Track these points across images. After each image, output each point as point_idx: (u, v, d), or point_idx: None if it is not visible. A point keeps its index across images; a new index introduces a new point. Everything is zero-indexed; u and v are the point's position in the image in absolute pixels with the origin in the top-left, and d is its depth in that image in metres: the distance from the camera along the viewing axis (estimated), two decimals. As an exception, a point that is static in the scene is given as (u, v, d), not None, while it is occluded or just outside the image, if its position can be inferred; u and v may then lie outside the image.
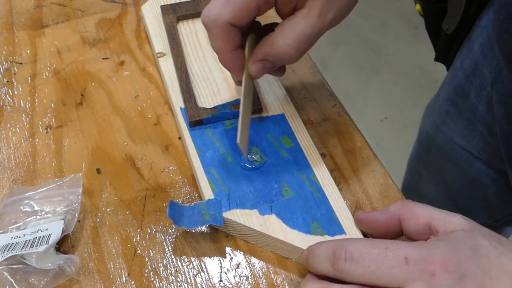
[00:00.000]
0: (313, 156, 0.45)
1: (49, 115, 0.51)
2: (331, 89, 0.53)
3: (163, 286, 0.40)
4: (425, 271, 0.31)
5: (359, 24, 1.93)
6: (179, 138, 0.49)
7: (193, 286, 0.40)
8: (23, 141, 0.49)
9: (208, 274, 0.40)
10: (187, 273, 0.40)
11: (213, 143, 0.46)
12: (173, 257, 0.41)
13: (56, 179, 0.45)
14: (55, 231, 0.40)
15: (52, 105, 0.52)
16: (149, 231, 0.43)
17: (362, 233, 0.40)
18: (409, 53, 1.84)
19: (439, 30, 0.61)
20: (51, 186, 0.44)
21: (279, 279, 0.40)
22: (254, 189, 0.43)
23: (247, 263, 0.41)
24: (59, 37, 0.58)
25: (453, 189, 0.68)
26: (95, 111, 0.51)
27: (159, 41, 0.55)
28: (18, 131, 0.50)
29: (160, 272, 0.40)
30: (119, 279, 0.40)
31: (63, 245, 0.42)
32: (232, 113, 0.48)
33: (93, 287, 0.40)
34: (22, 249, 0.39)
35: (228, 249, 0.42)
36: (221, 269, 0.40)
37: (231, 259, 0.41)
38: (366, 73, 1.81)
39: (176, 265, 0.41)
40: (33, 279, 0.39)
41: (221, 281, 0.40)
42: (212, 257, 0.41)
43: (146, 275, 0.40)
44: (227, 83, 0.50)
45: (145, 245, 0.42)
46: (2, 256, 0.38)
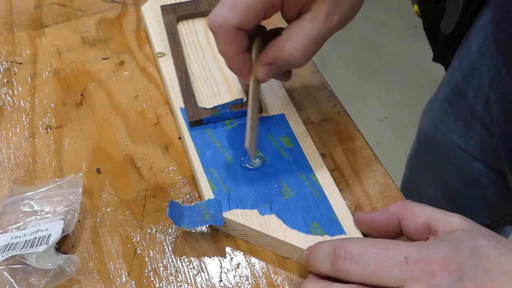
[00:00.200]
0: (313, 156, 0.45)
1: (49, 115, 0.51)
2: (331, 89, 0.53)
3: (163, 286, 0.40)
4: (425, 271, 0.31)
5: (359, 24, 1.93)
6: (179, 138, 0.49)
7: (193, 286, 0.40)
8: (23, 141, 0.49)
9: (208, 274, 0.40)
10: (187, 273, 0.40)
11: (213, 143, 0.46)
12: (173, 257, 0.41)
13: (56, 179, 0.45)
14: (55, 231, 0.40)
15: (52, 105, 0.52)
16: (149, 231, 0.43)
17: (362, 233, 0.40)
18: (409, 53, 1.84)
19: (437, 30, 0.61)
20: (51, 186, 0.44)
21: (279, 279, 0.40)
22: (254, 189, 0.43)
23: (247, 263, 0.41)
24: (59, 37, 0.58)
25: (452, 189, 0.68)
26: (95, 111, 0.51)
27: (159, 41, 0.55)
28: (18, 131, 0.50)
29: (160, 272, 0.40)
30: (119, 279, 0.40)
31: (63, 245, 0.42)
32: (232, 113, 0.48)
33: (93, 287, 0.40)
34: (22, 249, 0.39)
35: (228, 249, 0.42)
36: (221, 269, 0.40)
37: (231, 259, 0.41)
38: (366, 73, 1.81)
39: (176, 265, 0.41)
40: (33, 279, 0.39)
41: (221, 281, 0.40)
42: (212, 257, 0.41)
43: (146, 275, 0.40)
44: (227, 83, 0.50)
45: (145, 245, 0.42)
46: (2, 256, 0.38)
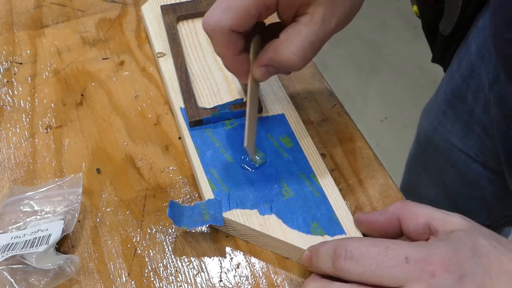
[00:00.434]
0: (313, 156, 0.45)
1: (49, 115, 0.51)
2: (331, 89, 0.53)
3: (163, 286, 0.40)
4: (425, 271, 0.31)
5: (359, 24, 1.93)
6: (179, 138, 0.49)
7: (193, 286, 0.40)
8: (23, 141, 0.49)
9: (208, 274, 0.40)
10: (187, 273, 0.40)
11: (213, 143, 0.46)
12: (173, 257, 0.41)
13: (56, 179, 0.45)
14: (55, 231, 0.40)
15: (52, 105, 0.52)
16: (149, 231, 0.43)
17: (362, 234, 0.40)
18: (409, 53, 1.84)
19: (436, 31, 0.61)
20: (51, 186, 0.44)
21: (279, 279, 0.40)
22: (254, 189, 0.43)
23: (247, 263, 0.41)
24: (59, 37, 0.58)
25: (451, 190, 0.68)
26: (95, 111, 0.51)
27: (159, 41, 0.55)
28: (18, 131, 0.50)
29: (160, 272, 0.40)
30: (119, 279, 0.40)
31: (63, 245, 0.42)
32: (232, 113, 0.48)
33: (93, 287, 0.40)
34: (22, 249, 0.39)
35: (228, 249, 0.42)
36: (221, 269, 0.40)
37: (231, 259, 0.41)
38: (366, 73, 1.81)
39: (176, 265, 0.41)
40: (33, 279, 0.39)
41: (221, 281, 0.40)
42: (212, 257, 0.41)
43: (146, 275, 0.40)
44: (227, 83, 0.50)
45: (145, 245, 0.42)
46: (2, 256, 0.38)
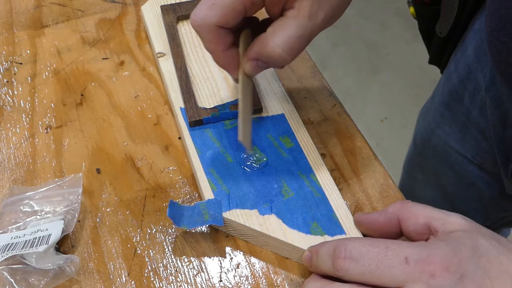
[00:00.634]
0: (313, 156, 0.45)
1: (49, 115, 0.51)
2: (331, 89, 0.53)
3: (163, 286, 0.40)
4: (425, 271, 0.31)
5: (359, 24, 1.93)
6: (179, 138, 0.49)
7: (193, 286, 0.40)
8: (23, 141, 0.49)
9: (208, 274, 0.40)
10: (187, 273, 0.40)
11: (213, 143, 0.46)
12: (173, 257, 0.41)
13: (56, 179, 0.45)
14: (55, 231, 0.40)
15: (52, 105, 0.52)
16: (149, 231, 0.43)
17: (362, 234, 0.40)
18: (409, 53, 1.84)
19: (432, 33, 0.61)
20: (51, 186, 0.44)
21: (279, 279, 0.40)
22: (254, 189, 0.43)
23: (247, 263, 0.41)
24: (59, 37, 0.58)
25: (448, 191, 0.68)
26: (95, 111, 0.51)
27: (159, 41, 0.55)
28: (18, 131, 0.50)
29: (160, 272, 0.40)
30: (119, 279, 0.40)
31: (63, 245, 0.42)
32: (232, 113, 0.48)
33: (93, 287, 0.40)
34: (22, 249, 0.39)
35: (228, 249, 0.42)
36: (221, 269, 0.40)
37: (231, 259, 0.41)
38: (366, 73, 1.81)
39: (176, 265, 0.41)
40: (33, 279, 0.39)
41: (221, 281, 0.40)
42: (212, 257, 0.41)
43: (146, 275, 0.40)
44: (227, 83, 0.50)
45: (145, 245, 0.42)
46: (2, 256, 0.38)
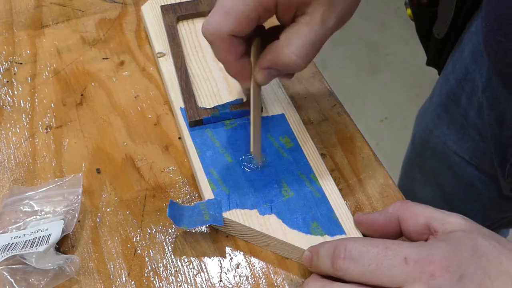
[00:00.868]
0: (313, 156, 0.45)
1: (49, 115, 0.51)
2: (331, 89, 0.53)
3: (163, 286, 0.40)
4: (425, 272, 0.31)
5: (359, 24, 1.93)
6: (179, 138, 0.49)
7: (193, 286, 0.40)
8: (23, 141, 0.49)
9: (208, 274, 0.40)
10: (187, 273, 0.40)
11: (213, 143, 0.46)
12: (173, 257, 0.41)
13: (56, 179, 0.45)
14: (55, 231, 0.40)
15: (52, 105, 0.52)
16: (149, 231, 0.43)
17: (362, 234, 0.40)
18: (409, 53, 1.84)
19: (430, 34, 0.61)
20: (51, 186, 0.44)
21: (279, 279, 0.40)
22: (254, 189, 0.43)
23: (247, 263, 0.41)
24: (59, 37, 0.58)
25: (447, 192, 0.68)
26: (95, 111, 0.51)
27: (159, 41, 0.55)
28: (18, 131, 0.50)
29: (160, 272, 0.40)
30: (119, 279, 0.40)
31: (63, 245, 0.42)
32: (232, 113, 0.48)
33: (93, 287, 0.40)
34: (22, 249, 0.39)
35: (228, 249, 0.42)
36: (221, 269, 0.40)
37: (231, 259, 0.41)
38: (366, 73, 1.81)
39: (176, 265, 0.41)
40: (33, 279, 0.39)
41: (221, 281, 0.40)
42: (212, 257, 0.41)
43: (146, 275, 0.40)
44: (227, 83, 0.50)
45: (145, 245, 0.42)
46: (2, 256, 0.38)
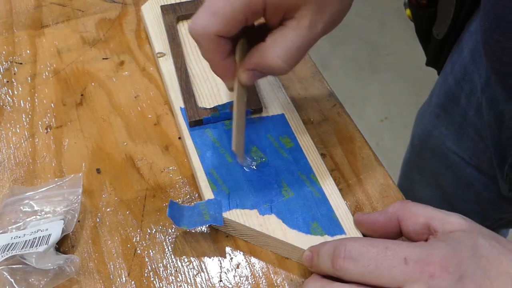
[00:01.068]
0: (313, 156, 0.45)
1: (49, 115, 0.51)
2: (331, 89, 0.53)
3: (163, 286, 0.40)
4: (424, 272, 0.31)
5: (359, 24, 1.93)
6: (179, 138, 0.49)
7: (193, 286, 0.40)
8: (23, 141, 0.49)
9: (208, 274, 0.40)
10: (187, 273, 0.40)
11: (213, 143, 0.46)
12: (173, 257, 0.41)
13: (56, 179, 0.45)
14: (55, 231, 0.40)
15: (52, 105, 0.52)
16: (149, 231, 0.43)
17: (362, 234, 0.40)
18: (409, 53, 1.84)
19: (429, 35, 0.61)
20: (51, 186, 0.44)
21: (279, 279, 0.40)
22: (254, 189, 0.43)
23: (247, 263, 0.41)
24: (59, 37, 0.58)
25: (447, 192, 0.68)
26: (95, 111, 0.51)
27: (159, 41, 0.55)
28: (18, 131, 0.50)
29: (160, 272, 0.40)
30: (119, 279, 0.40)
31: (63, 245, 0.42)
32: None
33: (93, 287, 0.40)
34: (22, 249, 0.39)
35: (228, 249, 0.42)
36: (221, 269, 0.40)
37: (231, 259, 0.41)
38: (366, 73, 1.81)
39: (176, 265, 0.41)
40: (33, 279, 0.39)
41: (221, 281, 0.40)
42: (212, 257, 0.41)
43: (146, 275, 0.40)
44: (227, 83, 0.50)
45: (145, 245, 0.42)
46: (2, 256, 0.38)
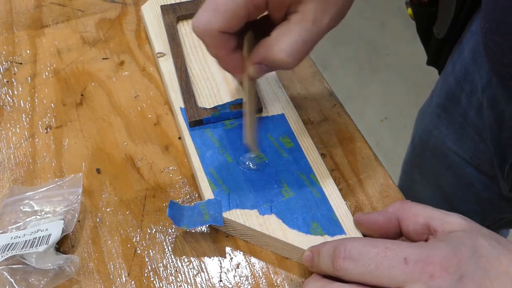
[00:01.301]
0: (313, 156, 0.45)
1: (49, 115, 0.51)
2: (331, 89, 0.53)
3: (163, 286, 0.40)
4: (424, 272, 0.31)
5: (359, 24, 1.93)
6: (179, 138, 0.49)
7: (193, 286, 0.40)
8: (23, 141, 0.49)
9: (208, 274, 0.40)
10: (187, 273, 0.40)
11: (213, 143, 0.46)
12: (173, 257, 0.41)
13: (56, 179, 0.45)
14: (55, 231, 0.40)
15: (52, 105, 0.52)
16: (149, 231, 0.43)
17: (362, 234, 0.40)
18: (409, 53, 1.84)
19: (430, 34, 0.61)
20: (51, 186, 0.44)
21: (279, 279, 0.40)
22: (254, 189, 0.43)
23: (247, 263, 0.41)
24: (59, 37, 0.58)
25: (447, 192, 0.67)
26: (95, 111, 0.51)
27: (159, 41, 0.55)
28: (18, 131, 0.50)
29: (160, 272, 0.40)
30: (119, 279, 0.40)
31: (63, 245, 0.42)
32: (232, 113, 0.48)
33: (93, 287, 0.40)
34: (22, 249, 0.39)
35: (228, 249, 0.42)
36: (221, 269, 0.40)
37: (231, 259, 0.41)
38: (366, 73, 1.81)
39: (176, 265, 0.41)
40: (33, 279, 0.39)
41: (221, 281, 0.40)
42: (212, 257, 0.41)
43: (146, 275, 0.40)
44: (227, 83, 0.50)
45: (145, 245, 0.42)
46: (2, 256, 0.38)
